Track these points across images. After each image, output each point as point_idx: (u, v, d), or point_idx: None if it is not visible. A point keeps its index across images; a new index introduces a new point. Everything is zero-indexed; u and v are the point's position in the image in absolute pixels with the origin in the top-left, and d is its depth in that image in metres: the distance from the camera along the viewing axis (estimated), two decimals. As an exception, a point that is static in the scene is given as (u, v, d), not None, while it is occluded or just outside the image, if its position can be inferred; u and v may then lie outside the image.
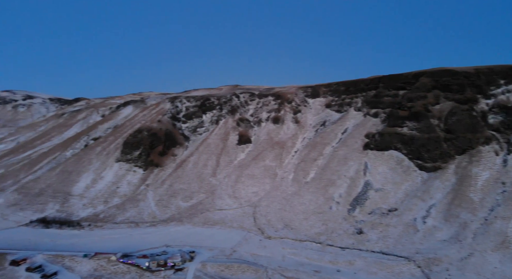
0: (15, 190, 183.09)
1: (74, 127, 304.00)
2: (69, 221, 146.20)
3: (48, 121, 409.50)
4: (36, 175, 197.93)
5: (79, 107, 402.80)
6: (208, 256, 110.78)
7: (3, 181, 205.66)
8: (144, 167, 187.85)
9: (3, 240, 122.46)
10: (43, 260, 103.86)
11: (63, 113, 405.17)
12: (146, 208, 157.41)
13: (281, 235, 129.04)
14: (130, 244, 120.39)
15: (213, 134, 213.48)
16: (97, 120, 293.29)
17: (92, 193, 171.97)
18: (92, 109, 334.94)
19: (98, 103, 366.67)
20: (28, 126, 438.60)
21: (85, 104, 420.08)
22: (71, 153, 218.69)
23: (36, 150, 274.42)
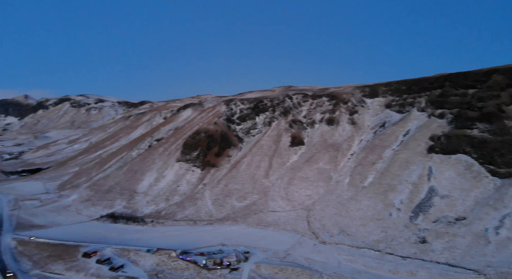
0: (88, 186, 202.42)
1: (139, 129, 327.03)
2: (134, 217, 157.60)
3: (116, 123, 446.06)
4: (106, 173, 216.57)
5: (144, 110, 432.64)
6: (262, 257, 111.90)
7: (78, 178, 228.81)
8: (202, 167, 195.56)
9: (77, 233, 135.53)
10: (111, 253, 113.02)
11: (129, 116, 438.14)
12: (203, 206, 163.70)
13: (337, 240, 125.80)
14: (188, 241, 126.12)
15: (266, 136, 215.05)
16: (159, 122, 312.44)
17: (155, 191, 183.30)
18: (155, 112, 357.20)
19: (161, 106, 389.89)
20: (99, 128, 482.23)
21: (149, 107, 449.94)
22: (136, 153, 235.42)
23: (106, 149, 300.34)
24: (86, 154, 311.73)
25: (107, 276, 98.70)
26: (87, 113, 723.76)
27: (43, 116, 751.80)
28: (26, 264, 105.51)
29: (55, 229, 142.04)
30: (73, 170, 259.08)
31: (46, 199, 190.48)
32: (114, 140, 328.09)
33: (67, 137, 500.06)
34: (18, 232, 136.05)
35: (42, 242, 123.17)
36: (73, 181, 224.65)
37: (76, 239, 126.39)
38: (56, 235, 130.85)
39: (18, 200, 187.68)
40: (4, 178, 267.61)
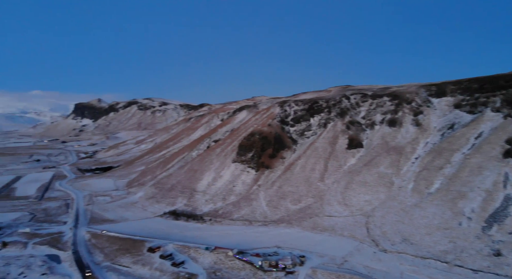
0: (152, 184, 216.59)
1: (199, 130, 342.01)
2: (194, 214, 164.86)
3: (178, 124, 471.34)
4: (169, 172, 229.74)
5: (203, 112, 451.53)
6: (318, 262, 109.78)
7: (144, 176, 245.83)
8: (256, 168, 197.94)
9: (143, 228, 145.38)
10: (173, 249, 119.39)
11: (190, 118, 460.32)
12: (258, 207, 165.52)
13: (399, 249, 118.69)
14: (244, 241, 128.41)
15: (321, 138, 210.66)
16: (217, 124, 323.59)
17: (212, 190, 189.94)
18: (213, 114, 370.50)
19: (218, 109, 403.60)
20: (163, 129, 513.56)
21: (208, 109, 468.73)
22: (196, 153, 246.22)
23: (169, 150, 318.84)
24: (151, 154, 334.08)
25: (169, 271, 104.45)
26: (152, 115, 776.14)
27: (114, 118, 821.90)
28: (98, 256, 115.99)
29: (124, 224, 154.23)
30: (139, 169, 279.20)
31: (116, 196, 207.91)
32: (176, 140, 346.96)
33: (134, 138, 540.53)
34: (92, 226, 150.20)
35: (112, 235, 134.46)
36: (140, 179, 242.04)
37: (141, 234, 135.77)
38: (124, 230, 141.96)
39: (92, 196, 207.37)
40: (80, 175, 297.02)
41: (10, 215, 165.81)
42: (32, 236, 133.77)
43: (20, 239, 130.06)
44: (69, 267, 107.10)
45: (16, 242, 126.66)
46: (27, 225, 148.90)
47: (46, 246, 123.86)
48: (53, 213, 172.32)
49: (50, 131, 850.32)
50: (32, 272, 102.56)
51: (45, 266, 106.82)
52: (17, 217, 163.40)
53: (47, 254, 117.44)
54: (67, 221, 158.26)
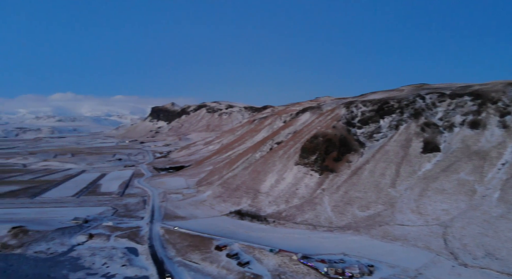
0: (219, 184, 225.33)
1: (262, 132, 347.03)
2: (258, 215, 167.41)
3: (243, 126, 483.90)
4: (234, 173, 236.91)
5: (266, 114, 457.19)
6: (389, 273, 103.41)
7: (212, 176, 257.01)
8: (320, 172, 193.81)
9: (210, 226, 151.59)
10: (239, 249, 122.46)
11: (254, 120, 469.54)
12: (323, 212, 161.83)
13: (482, 264, 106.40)
14: (308, 246, 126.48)
15: (392, 141, 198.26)
16: (279, 126, 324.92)
17: (275, 192, 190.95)
18: (276, 116, 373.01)
19: (281, 110, 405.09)
20: (229, 131, 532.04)
21: (271, 111, 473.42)
22: (259, 154, 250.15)
23: (234, 151, 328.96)
24: (218, 154, 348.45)
25: (235, 270, 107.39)
26: (219, 118, 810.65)
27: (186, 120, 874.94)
28: (171, 251, 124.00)
29: (193, 221, 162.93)
30: (208, 168, 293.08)
31: (187, 194, 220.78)
32: (241, 142, 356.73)
33: (203, 139, 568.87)
34: (165, 222, 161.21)
35: (183, 232, 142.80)
36: (208, 178, 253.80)
37: (209, 232, 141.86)
38: (194, 227, 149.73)
39: (166, 193, 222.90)
40: (156, 174, 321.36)
41: (96, 209, 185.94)
42: (114, 229, 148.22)
43: (104, 231, 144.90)
44: (145, 260, 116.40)
45: (101, 234, 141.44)
46: (110, 219, 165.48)
47: (126, 239, 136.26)
48: (132, 209, 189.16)
49: (130, 132, 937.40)
50: (114, 263, 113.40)
51: (125, 258, 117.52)
52: (101, 211, 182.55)
53: (127, 247, 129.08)
54: (144, 216, 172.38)
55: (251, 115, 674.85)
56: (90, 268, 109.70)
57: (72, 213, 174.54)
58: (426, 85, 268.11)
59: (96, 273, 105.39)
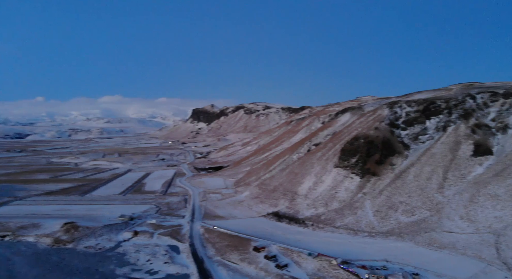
0: (257, 185, 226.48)
1: (300, 133, 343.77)
2: (296, 218, 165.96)
3: (280, 127, 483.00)
4: (271, 174, 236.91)
5: (304, 115, 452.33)
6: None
7: (249, 177, 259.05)
8: (361, 175, 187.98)
9: (248, 227, 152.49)
10: (277, 251, 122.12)
11: (291, 121, 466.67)
12: (364, 216, 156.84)
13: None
14: (348, 251, 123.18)
15: (439, 143, 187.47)
16: (318, 127, 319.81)
17: (314, 194, 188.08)
18: (314, 117, 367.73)
19: (319, 111, 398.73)
20: (266, 132, 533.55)
21: (309, 112, 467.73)
22: (296, 156, 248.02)
23: (272, 152, 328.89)
24: (255, 155, 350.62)
25: (274, 272, 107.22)
26: (256, 119, 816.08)
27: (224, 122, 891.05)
28: (210, 250, 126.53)
29: (232, 221, 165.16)
30: (245, 169, 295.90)
31: (225, 194, 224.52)
32: (278, 143, 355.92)
33: (241, 140, 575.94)
34: (205, 221, 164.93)
35: (222, 231, 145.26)
36: (246, 179, 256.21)
37: (247, 233, 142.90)
38: (232, 227, 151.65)
39: (206, 193, 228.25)
40: (196, 173, 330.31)
41: (141, 207, 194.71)
42: (157, 227, 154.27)
43: (148, 229, 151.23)
44: (186, 258, 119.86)
45: (145, 231, 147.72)
46: (153, 217, 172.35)
47: (168, 237, 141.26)
48: (174, 207, 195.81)
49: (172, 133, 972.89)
50: (157, 260, 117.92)
51: (167, 256, 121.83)
52: (146, 209, 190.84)
53: (169, 244, 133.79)
54: (185, 215, 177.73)
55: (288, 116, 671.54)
56: (135, 264, 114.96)
57: (119, 210, 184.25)
58: (477, 84, 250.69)
59: (141, 269, 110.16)
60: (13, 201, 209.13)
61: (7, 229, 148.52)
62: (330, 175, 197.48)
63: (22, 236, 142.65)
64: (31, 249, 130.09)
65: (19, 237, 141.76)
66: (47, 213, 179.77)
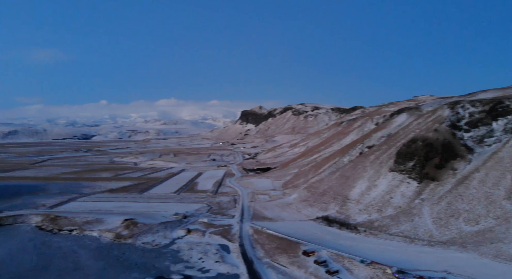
0: (305, 188, 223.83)
1: (351, 135, 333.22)
2: (347, 223, 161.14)
3: (329, 129, 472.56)
4: (320, 177, 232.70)
5: (355, 116, 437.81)
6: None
7: (297, 179, 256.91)
8: (419, 180, 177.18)
9: (297, 230, 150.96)
10: (327, 256, 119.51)
11: (341, 122, 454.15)
12: (422, 224, 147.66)
13: None
14: (404, 260, 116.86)
15: (508, 147, 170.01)
16: (371, 128, 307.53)
17: (366, 199, 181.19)
18: (367, 118, 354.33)
19: (373, 112, 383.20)
20: (315, 133, 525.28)
21: (361, 112, 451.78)
22: (347, 159, 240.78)
23: (321, 154, 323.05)
24: (303, 157, 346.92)
25: (324, 278, 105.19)
26: (305, 120, 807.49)
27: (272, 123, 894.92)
28: (260, 252, 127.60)
29: (280, 223, 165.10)
30: (293, 171, 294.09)
31: (273, 195, 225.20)
32: (328, 145, 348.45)
33: (289, 141, 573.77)
34: (254, 222, 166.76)
35: (270, 233, 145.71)
36: (294, 181, 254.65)
37: (296, 236, 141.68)
38: (281, 229, 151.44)
39: (254, 194, 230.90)
40: (245, 174, 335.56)
41: (193, 206, 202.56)
42: (209, 225, 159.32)
43: (200, 227, 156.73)
44: (236, 258, 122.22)
45: (197, 230, 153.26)
46: (205, 216, 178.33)
47: (219, 236, 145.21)
48: (224, 207, 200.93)
49: (222, 134, 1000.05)
50: (208, 259, 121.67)
51: (218, 255, 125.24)
52: (198, 208, 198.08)
53: (220, 244, 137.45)
54: (234, 215, 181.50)
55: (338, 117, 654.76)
56: (188, 261, 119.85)
57: (173, 208, 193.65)
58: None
59: (193, 267, 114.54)
60: (80, 197, 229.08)
61: (74, 224, 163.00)
62: (384, 179, 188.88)
63: (87, 230, 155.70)
64: (95, 243, 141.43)
65: (84, 231, 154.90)
66: (109, 209, 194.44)
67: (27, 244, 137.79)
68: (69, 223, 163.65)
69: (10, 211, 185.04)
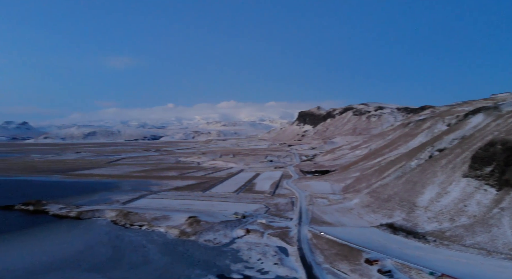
0: (368, 193, 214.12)
1: (419, 137, 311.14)
2: (414, 232, 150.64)
3: (395, 130, 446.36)
4: (385, 181, 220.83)
5: (424, 116, 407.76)
6: None
7: (359, 183, 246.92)
8: (498, 187, 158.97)
9: (359, 237, 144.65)
10: (392, 266, 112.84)
11: (408, 123, 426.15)
12: (501, 236, 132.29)
13: None
14: (480, 275, 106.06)
15: None
16: (442, 130, 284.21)
17: (436, 207, 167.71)
18: (437, 118, 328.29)
19: (444, 112, 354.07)
20: (378, 135, 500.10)
21: (430, 112, 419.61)
22: (415, 163, 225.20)
23: (385, 157, 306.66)
24: (366, 160, 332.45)
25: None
26: (367, 120, 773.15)
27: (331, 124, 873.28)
28: (319, 257, 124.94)
29: (340, 229, 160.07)
30: (354, 175, 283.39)
31: (333, 199, 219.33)
32: (393, 147, 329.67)
33: (349, 143, 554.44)
34: (312, 225, 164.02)
35: (329, 238, 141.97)
36: (355, 185, 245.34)
37: (358, 243, 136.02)
38: (341, 235, 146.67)
39: (312, 197, 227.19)
40: (302, 176, 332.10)
41: (252, 206, 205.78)
42: (267, 227, 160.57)
43: (258, 228, 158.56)
44: (295, 262, 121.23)
45: (256, 230, 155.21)
46: (263, 217, 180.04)
47: (277, 238, 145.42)
48: (281, 209, 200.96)
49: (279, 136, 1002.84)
50: (267, 260, 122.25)
51: (276, 257, 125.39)
52: (256, 208, 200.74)
53: (278, 246, 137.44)
54: (292, 217, 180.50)
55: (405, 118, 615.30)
56: (247, 261, 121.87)
57: (233, 207, 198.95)
58: None
59: (252, 268, 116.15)
60: (149, 195, 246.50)
61: (144, 219, 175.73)
62: (457, 186, 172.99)
63: (155, 226, 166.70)
64: (162, 238, 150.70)
65: (153, 227, 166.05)
66: (174, 206, 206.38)
67: (103, 237, 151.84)
68: (139, 219, 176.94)
69: (89, 206, 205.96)
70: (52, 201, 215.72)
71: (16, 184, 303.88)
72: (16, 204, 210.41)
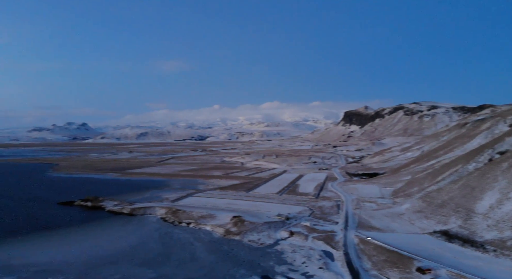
0: (419, 197, 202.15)
1: (477, 138, 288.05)
2: (472, 240, 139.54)
3: (450, 131, 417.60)
4: (439, 186, 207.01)
5: (483, 116, 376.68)
6: None
7: (410, 187, 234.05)
8: None
9: (410, 244, 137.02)
10: (446, 276, 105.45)
11: (465, 123, 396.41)
12: None
13: None
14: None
15: None
16: (503, 131, 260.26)
17: (497, 214, 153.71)
18: (498, 118, 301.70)
19: (505, 111, 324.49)
20: (432, 136, 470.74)
21: (490, 112, 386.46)
22: (473, 166, 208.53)
23: (439, 160, 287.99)
24: (418, 163, 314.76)
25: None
26: (419, 120, 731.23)
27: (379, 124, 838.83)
28: (366, 263, 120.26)
29: (389, 235, 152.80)
30: (405, 178, 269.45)
31: (381, 204, 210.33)
32: (448, 149, 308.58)
33: (400, 144, 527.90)
34: (359, 230, 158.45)
35: (378, 244, 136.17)
36: (406, 189, 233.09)
37: (408, 250, 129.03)
38: (390, 241, 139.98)
39: (359, 201, 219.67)
40: (348, 179, 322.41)
41: (295, 208, 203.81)
42: (311, 230, 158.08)
43: (302, 231, 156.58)
44: (340, 267, 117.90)
45: (300, 233, 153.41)
46: (307, 219, 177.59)
47: (322, 242, 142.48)
48: (326, 212, 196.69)
49: (323, 136, 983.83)
50: (312, 264, 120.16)
51: (321, 261, 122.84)
52: (300, 210, 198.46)
53: (323, 250, 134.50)
54: (338, 221, 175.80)
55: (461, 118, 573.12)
56: (291, 264, 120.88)
57: (276, 209, 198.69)
58: None
59: (297, 271, 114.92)
60: (196, 193, 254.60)
61: (191, 217, 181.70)
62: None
63: (201, 224, 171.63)
64: (208, 236, 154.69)
65: (199, 225, 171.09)
66: (220, 205, 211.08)
67: (153, 234, 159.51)
68: (187, 217, 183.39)
69: (141, 203, 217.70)
70: (108, 198, 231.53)
71: (77, 181, 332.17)
72: (76, 200, 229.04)
